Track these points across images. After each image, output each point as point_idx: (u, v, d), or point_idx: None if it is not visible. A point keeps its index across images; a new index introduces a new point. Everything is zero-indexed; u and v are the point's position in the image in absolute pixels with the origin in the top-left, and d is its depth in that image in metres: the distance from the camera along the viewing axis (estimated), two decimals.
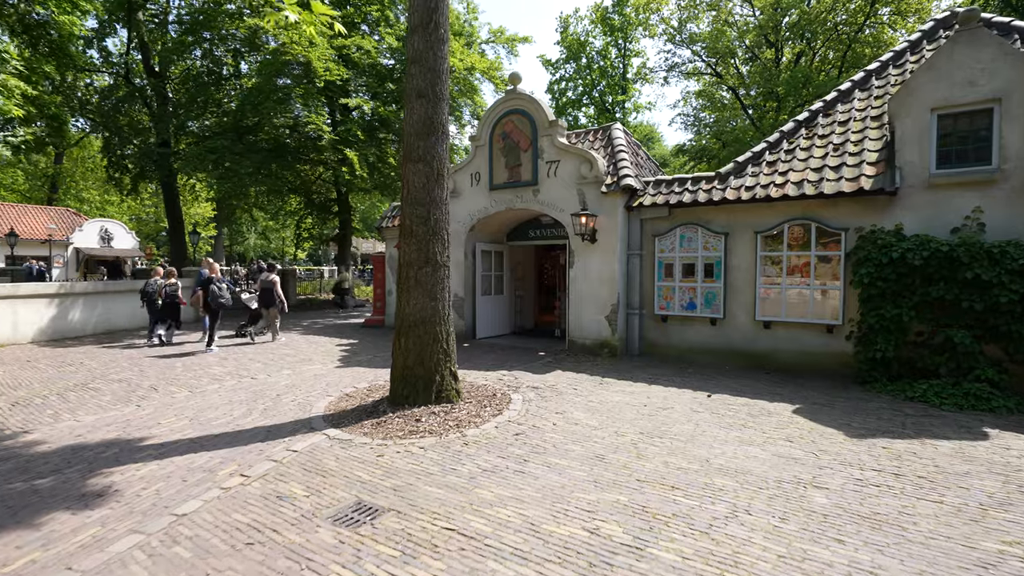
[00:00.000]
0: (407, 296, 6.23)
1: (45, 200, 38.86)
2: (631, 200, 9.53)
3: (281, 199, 20.39)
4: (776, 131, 9.17)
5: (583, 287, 9.84)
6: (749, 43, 31.48)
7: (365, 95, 17.60)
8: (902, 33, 26.81)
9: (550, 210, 10.25)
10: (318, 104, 15.80)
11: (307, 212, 21.53)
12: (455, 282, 11.66)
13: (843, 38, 28.36)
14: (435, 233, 6.23)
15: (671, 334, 9.42)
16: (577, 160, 9.83)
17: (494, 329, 12.22)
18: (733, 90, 32.48)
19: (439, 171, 6.25)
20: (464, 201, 11.53)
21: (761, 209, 8.41)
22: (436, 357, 6.25)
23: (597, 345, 9.68)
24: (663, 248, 9.39)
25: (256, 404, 6.57)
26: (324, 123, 15.23)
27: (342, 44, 15.91)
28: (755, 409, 6.23)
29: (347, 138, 15.63)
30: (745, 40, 31.42)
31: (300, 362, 9.38)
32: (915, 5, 25.47)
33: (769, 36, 30.36)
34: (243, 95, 17.47)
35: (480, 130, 11.22)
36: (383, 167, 20.24)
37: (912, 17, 26.39)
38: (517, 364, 9.01)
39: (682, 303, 9.22)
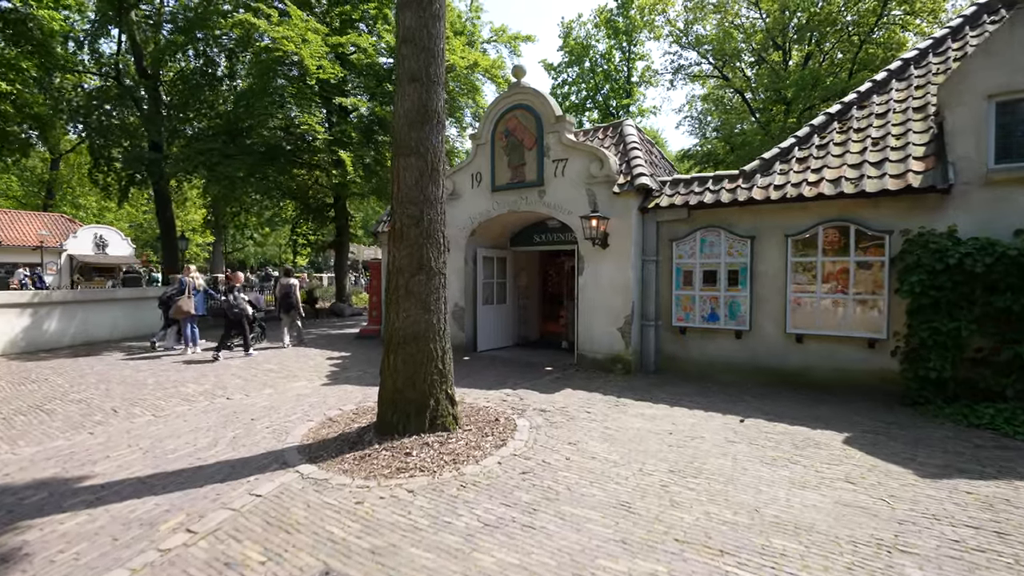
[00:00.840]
0: (397, 308, 5.43)
1: (41, 206, 38.32)
2: (646, 201, 8.74)
3: (276, 204, 19.64)
4: (805, 125, 8.39)
5: (593, 296, 9.03)
6: (756, 45, 30.81)
7: (362, 95, 16.90)
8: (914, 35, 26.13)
9: (557, 212, 9.46)
10: (312, 104, 15.09)
11: (303, 217, 20.77)
12: (454, 290, 10.87)
13: (854, 39, 27.65)
14: (429, 236, 5.44)
15: (691, 348, 8.59)
16: (586, 158, 9.05)
17: (496, 341, 11.41)
18: (740, 93, 31.81)
19: (434, 165, 5.47)
20: (464, 204, 10.75)
21: (792, 210, 7.61)
22: (430, 378, 5.43)
23: (609, 360, 8.85)
24: (681, 253, 8.58)
25: (225, 431, 5.75)
26: (318, 124, 14.50)
27: (337, 42, 15.23)
28: (798, 438, 5.39)
29: (341, 139, 14.89)
30: (752, 42, 30.76)
31: (284, 379, 8.57)
32: (930, 5, 24.77)
33: (776, 39, 29.69)
34: (236, 96, 16.80)
35: (481, 128, 10.46)
36: (381, 171, 19.50)
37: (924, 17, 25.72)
38: (522, 381, 8.19)
39: (703, 314, 8.40)
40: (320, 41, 14.61)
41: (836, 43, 28.45)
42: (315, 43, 14.21)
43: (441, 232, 5.57)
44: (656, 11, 32.95)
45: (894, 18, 26.33)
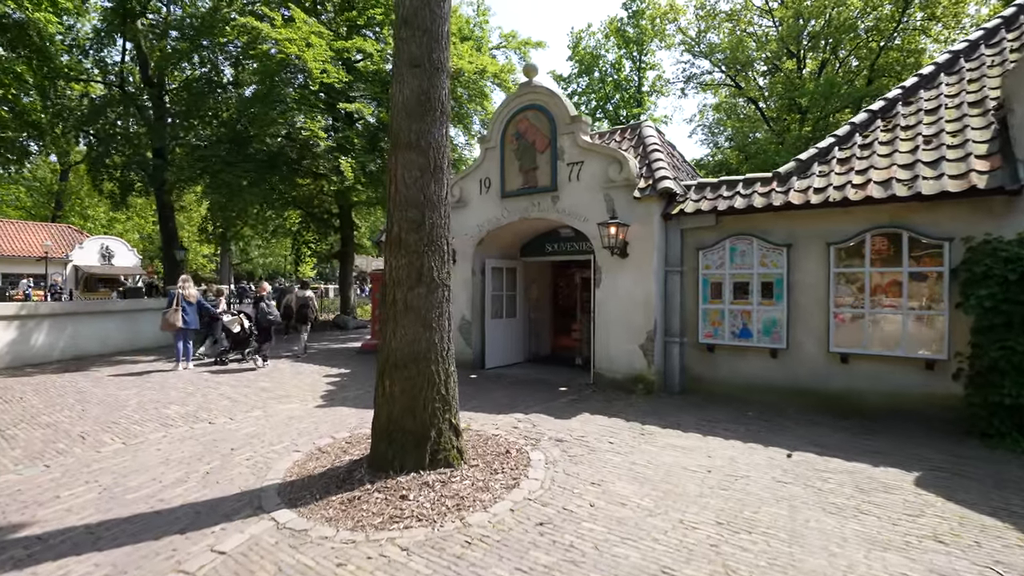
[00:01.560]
0: (394, 325, 4.74)
1: (49, 217, 38.29)
2: (669, 207, 8.04)
3: (279, 214, 19.14)
4: (844, 123, 7.66)
5: (612, 310, 8.30)
6: (769, 54, 30.20)
7: (368, 101, 16.42)
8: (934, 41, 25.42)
9: (572, 220, 8.78)
10: (316, 110, 14.61)
11: (307, 227, 20.26)
12: (461, 303, 10.19)
13: (872, 45, 26.95)
14: (431, 243, 4.76)
15: (719, 367, 7.82)
16: (604, 161, 8.38)
17: (506, 357, 10.68)
18: (754, 102, 31.19)
19: (437, 162, 4.81)
20: (472, 211, 10.10)
21: (834, 215, 6.87)
22: (431, 406, 4.72)
23: (630, 380, 8.09)
24: (709, 263, 7.85)
25: (199, 464, 5.06)
26: (321, 130, 13.99)
27: (343, 47, 14.77)
28: (860, 478, 4.61)
29: (344, 145, 14.36)
30: (765, 51, 30.15)
31: (276, 399, 7.89)
32: (952, 9, 24.05)
33: (791, 46, 29.06)
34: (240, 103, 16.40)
35: (490, 130, 9.84)
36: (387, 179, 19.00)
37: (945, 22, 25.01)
38: (534, 403, 7.45)
39: (733, 330, 7.64)
40: (325, 46, 14.15)
41: (852, 50, 27.78)
42: (319, 47, 13.75)
43: (445, 239, 4.89)
44: (667, 20, 32.53)
45: (914, 23, 25.63)
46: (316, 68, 13.37)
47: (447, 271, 4.92)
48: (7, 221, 31.93)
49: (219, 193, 15.11)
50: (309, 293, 13.44)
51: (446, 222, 4.91)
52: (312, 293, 13.53)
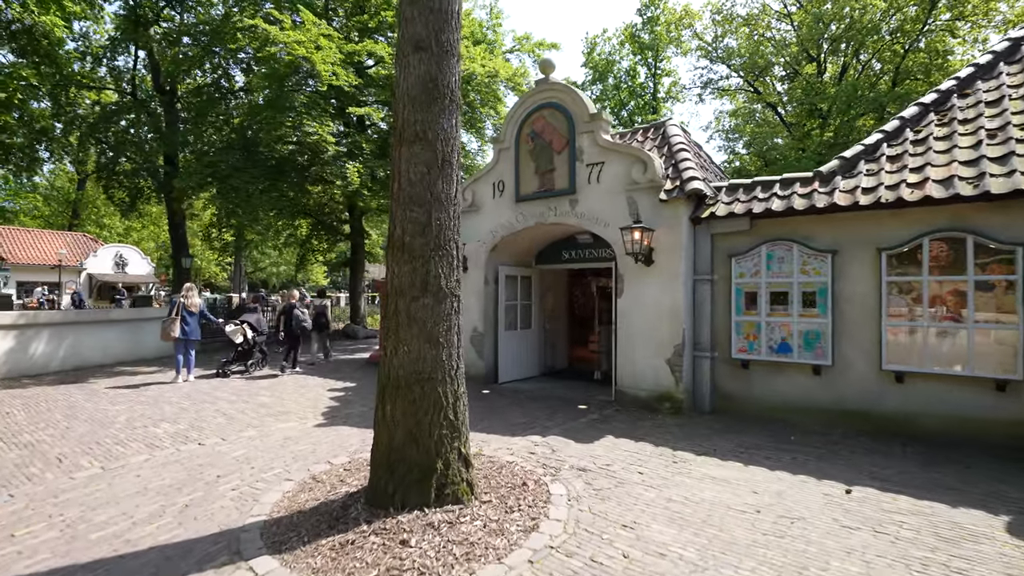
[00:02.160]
0: (395, 340, 4.18)
1: (67, 226, 38.62)
2: (698, 210, 7.41)
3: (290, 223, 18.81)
4: (893, 118, 7.00)
5: (636, 322, 7.68)
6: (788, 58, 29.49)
7: (380, 107, 16.06)
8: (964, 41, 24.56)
9: (591, 224, 8.19)
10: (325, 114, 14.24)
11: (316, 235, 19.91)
12: (473, 314, 9.62)
13: (896, 48, 26.12)
14: (439, 247, 4.20)
15: (755, 385, 7.13)
16: (627, 161, 7.80)
17: (520, 371, 10.07)
18: (773, 107, 30.44)
19: (446, 156, 4.26)
20: (485, 216, 9.56)
21: (885, 218, 6.20)
22: (438, 433, 4.13)
23: (655, 398, 7.44)
24: (743, 271, 7.20)
25: (179, 495, 4.52)
26: (329, 134, 13.61)
27: (353, 49, 14.43)
28: (939, 522, 3.92)
29: (352, 151, 13.96)
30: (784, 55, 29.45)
31: (274, 415, 7.36)
32: (983, 7, 23.17)
33: (810, 50, 28.33)
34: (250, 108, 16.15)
35: (504, 130, 9.32)
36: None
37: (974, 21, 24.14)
38: (552, 423, 6.83)
39: (771, 344, 6.96)
40: (335, 48, 13.82)
41: (875, 52, 26.95)
42: (328, 50, 13.41)
43: (454, 242, 4.33)
44: (683, 25, 32.00)
45: (942, 23, 24.79)
46: (325, 71, 13.02)
47: (456, 279, 4.35)
48: (22, 230, 32.16)
49: (227, 199, 14.79)
50: (327, 302, 14.07)
51: (455, 224, 4.35)
52: (328, 302, 14.08)
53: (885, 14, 25.21)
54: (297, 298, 11.86)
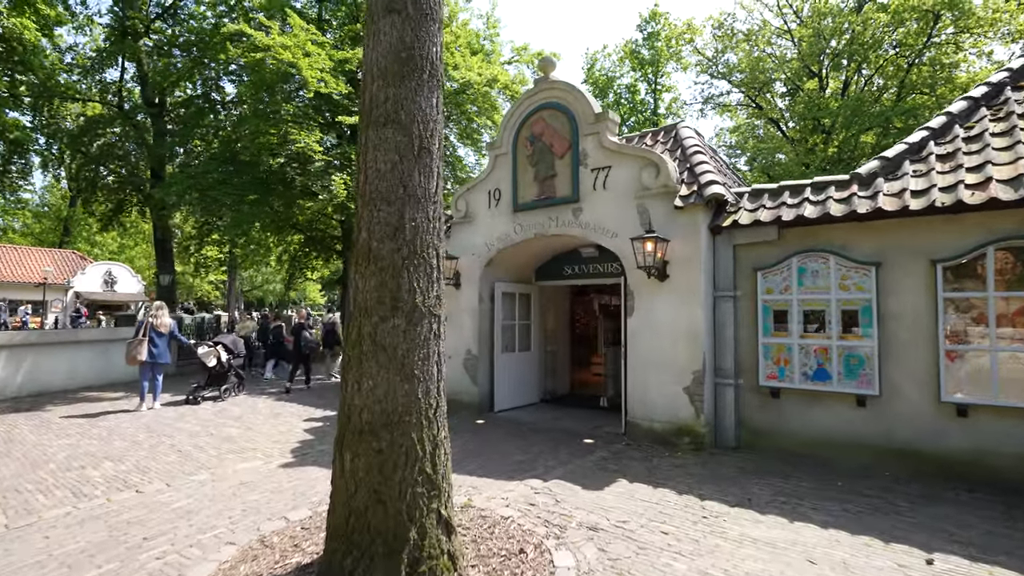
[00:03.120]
0: (358, 372, 3.30)
1: (58, 244, 37.87)
2: (718, 218, 6.59)
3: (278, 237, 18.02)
4: (939, 114, 6.22)
5: (648, 344, 6.80)
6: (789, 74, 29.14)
7: None
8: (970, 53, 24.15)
9: (597, 235, 7.36)
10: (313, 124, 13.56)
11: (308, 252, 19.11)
12: (466, 334, 8.75)
13: (900, 62, 25.70)
14: (414, 254, 3.35)
15: (787, 417, 6.22)
16: (636, 165, 7.00)
17: (518, 397, 9.14)
18: (775, 122, 29.99)
19: (424, 142, 3.44)
20: (479, 227, 8.75)
21: (939, 224, 5.37)
22: (411, 492, 3.23)
23: (672, 431, 6.52)
24: (770, 287, 6.34)
25: (88, 567, 3.59)
26: (317, 143, 12.88)
27: (344, 57, 13.78)
28: None
29: (341, 162, 13.21)
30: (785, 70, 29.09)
31: (237, 452, 6.43)
32: (989, 18, 22.75)
33: (812, 66, 27.96)
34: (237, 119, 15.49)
35: (501, 134, 8.56)
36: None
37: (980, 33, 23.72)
38: (555, 462, 5.90)
39: (805, 370, 6.07)
40: (324, 56, 13.18)
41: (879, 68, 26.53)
42: (318, 56, 12.75)
43: (435, 249, 3.48)
44: (683, 41, 31.73)
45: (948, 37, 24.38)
46: (312, 77, 12.33)
47: (437, 295, 3.49)
48: (8, 247, 31.39)
49: (208, 212, 14.03)
50: (335, 316, 14.63)
51: (436, 227, 3.51)
52: (337, 317, 14.31)
53: (887, 28, 24.84)
54: (304, 316, 12.31)
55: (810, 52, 27.11)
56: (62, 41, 16.65)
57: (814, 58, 27.14)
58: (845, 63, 27.09)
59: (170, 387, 11.36)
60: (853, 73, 27.71)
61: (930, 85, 24.71)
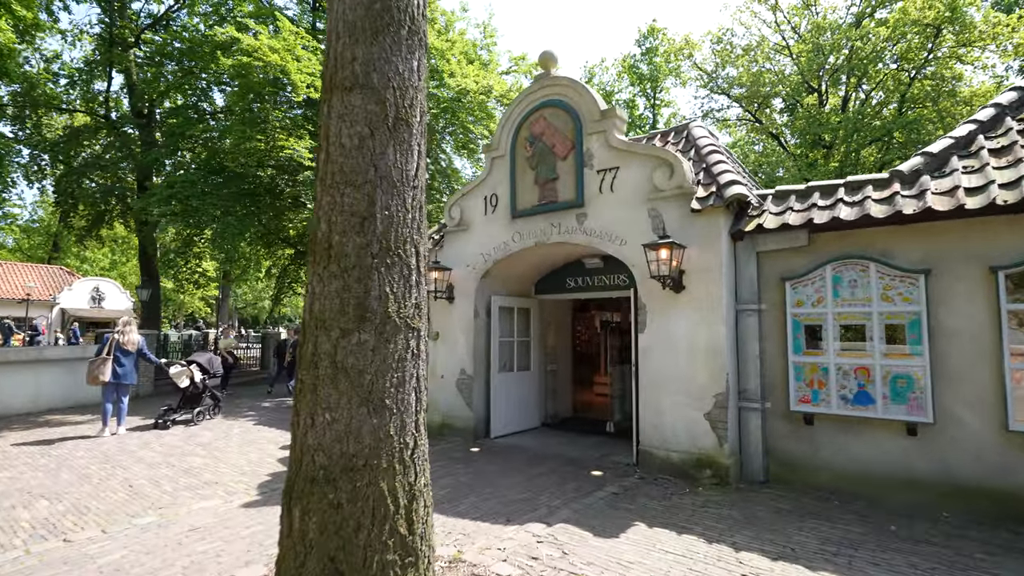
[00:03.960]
0: (312, 403, 2.57)
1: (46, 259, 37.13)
2: (740, 222, 5.92)
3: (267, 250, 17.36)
4: (986, 106, 5.60)
5: (663, 364, 6.07)
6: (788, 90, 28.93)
7: None
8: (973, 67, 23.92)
9: (604, 243, 6.68)
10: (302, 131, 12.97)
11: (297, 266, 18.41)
12: (460, 352, 8.01)
13: (902, 76, 25.47)
14: (387, 251, 2.65)
15: (823, 446, 5.47)
16: (647, 165, 6.36)
17: (517, 421, 8.36)
18: (776, 137, 29.68)
19: (401, 112, 2.76)
20: (475, 236, 8.07)
21: (998, 226, 4.70)
22: (380, 559, 2.47)
23: (692, 463, 5.76)
24: (801, 299, 5.65)
25: None
26: (306, 149, 12.28)
27: None
28: None
29: None
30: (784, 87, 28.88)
31: (196, 487, 5.63)
32: (990, 31, 22.52)
33: (811, 82, 27.76)
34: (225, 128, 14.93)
35: (498, 135, 7.93)
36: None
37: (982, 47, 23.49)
38: (559, 501, 5.12)
39: (844, 393, 5.34)
40: (316, 61, 12.66)
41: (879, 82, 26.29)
42: (308, 62, 12.23)
43: (413, 245, 2.78)
44: (682, 55, 31.60)
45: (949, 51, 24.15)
46: (301, 82, 11.78)
47: (416, 302, 2.77)
48: None
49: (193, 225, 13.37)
50: None
51: (416, 217, 2.81)
52: None
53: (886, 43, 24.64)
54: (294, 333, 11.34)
55: (809, 68, 26.93)
56: (32, 48, 16.13)
57: (813, 73, 26.95)
58: (844, 78, 26.91)
59: (143, 409, 10.56)
60: (853, 88, 27.52)
61: (933, 99, 24.45)
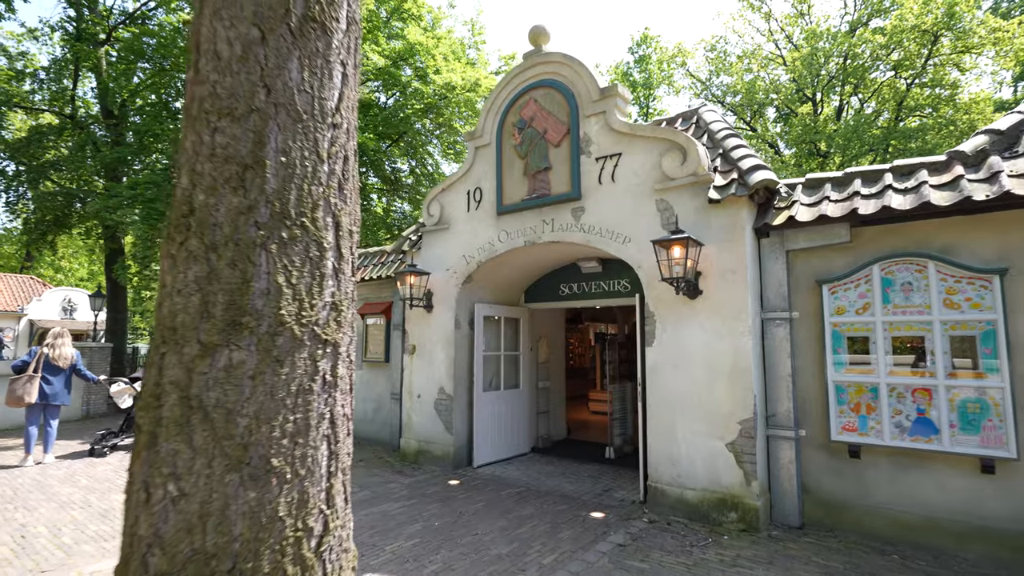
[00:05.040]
0: (150, 462, 1.56)
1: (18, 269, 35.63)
2: (766, 215, 5.02)
3: None
4: None
5: (675, 384, 5.11)
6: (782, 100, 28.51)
7: None
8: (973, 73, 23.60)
9: (604, 242, 5.74)
10: None
11: None
12: (440, 369, 7.02)
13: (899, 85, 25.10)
14: (282, 220, 1.66)
15: (872, 485, 4.51)
16: (655, 149, 5.45)
17: (504, 447, 7.34)
18: (772, 145, 29.19)
19: (314, 9, 1.79)
20: (456, 236, 7.12)
21: None
22: None
23: (713, 503, 4.77)
24: (842, 305, 4.73)
25: None
26: None
27: None
28: None
29: None
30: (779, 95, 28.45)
31: (103, 540, 4.55)
32: (988, 38, 22.16)
33: (806, 90, 27.36)
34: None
35: (482, 122, 7.01)
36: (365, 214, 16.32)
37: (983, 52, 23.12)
38: (553, 558, 4.10)
39: (899, 419, 4.40)
40: None
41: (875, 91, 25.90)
42: None
43: (328, 212, 1.79)
44: (675, 63, 31.20)
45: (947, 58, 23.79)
46: None
47: (332, 303, 1.77)
48: None
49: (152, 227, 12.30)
50: None
51: (338, 173, 1.83)
52: None
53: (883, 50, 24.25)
54: None
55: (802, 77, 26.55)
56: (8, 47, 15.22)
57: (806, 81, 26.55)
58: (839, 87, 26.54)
59: (85, 432, 9.42)
60: (848, 97, 27.16)
61: (933, 106, 24.09)
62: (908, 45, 23.90)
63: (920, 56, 23.69)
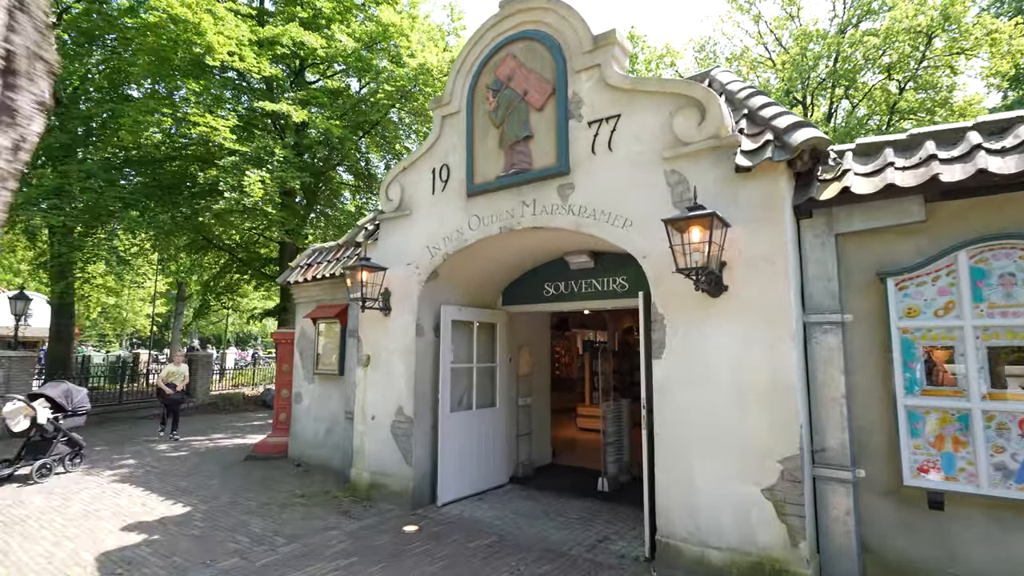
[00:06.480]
0: None
1: None
2: (809, 187, 3.87)
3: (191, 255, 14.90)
4: None
5: (694, 407, 3.92)
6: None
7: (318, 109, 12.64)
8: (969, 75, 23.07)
9: (599, 226, 4.56)
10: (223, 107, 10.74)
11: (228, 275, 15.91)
12: (399, 385, 5.77)
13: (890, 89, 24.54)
14: None
15: (961, 545, 3.35)
16: (664, 107, 4.29)
17: (475, 480, 6.06)
18: None
19: None
20: (419, 222, 5.89)
21: None
22: None
23: (746, 569, 3.58)
24: (915, 305, 3.58)
25: None
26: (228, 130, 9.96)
27: (273, 35, 11.07)
28: None
29: (259, 156, 10.29)
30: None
31: None
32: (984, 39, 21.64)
33: (796, 93, 26.73)
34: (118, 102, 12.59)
35: (451, 85, 5.80)
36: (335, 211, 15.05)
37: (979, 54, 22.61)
38: None
39: (999, 460, 3.26)
40: (247, 28, 10.50)
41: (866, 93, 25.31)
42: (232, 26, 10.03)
43: None
44: (664, 64, 30.48)
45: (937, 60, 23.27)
46: (219, 44, 9.54)
47: None
48: None
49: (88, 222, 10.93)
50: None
51: None
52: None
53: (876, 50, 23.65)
54: None
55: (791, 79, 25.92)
56: None
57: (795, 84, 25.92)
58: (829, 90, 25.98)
59: None
60: (839, 100, 26.61)
61: (928, 109, 23.54)
62: (901, 47, 23.36)
63: (913, 58, 23.14)
